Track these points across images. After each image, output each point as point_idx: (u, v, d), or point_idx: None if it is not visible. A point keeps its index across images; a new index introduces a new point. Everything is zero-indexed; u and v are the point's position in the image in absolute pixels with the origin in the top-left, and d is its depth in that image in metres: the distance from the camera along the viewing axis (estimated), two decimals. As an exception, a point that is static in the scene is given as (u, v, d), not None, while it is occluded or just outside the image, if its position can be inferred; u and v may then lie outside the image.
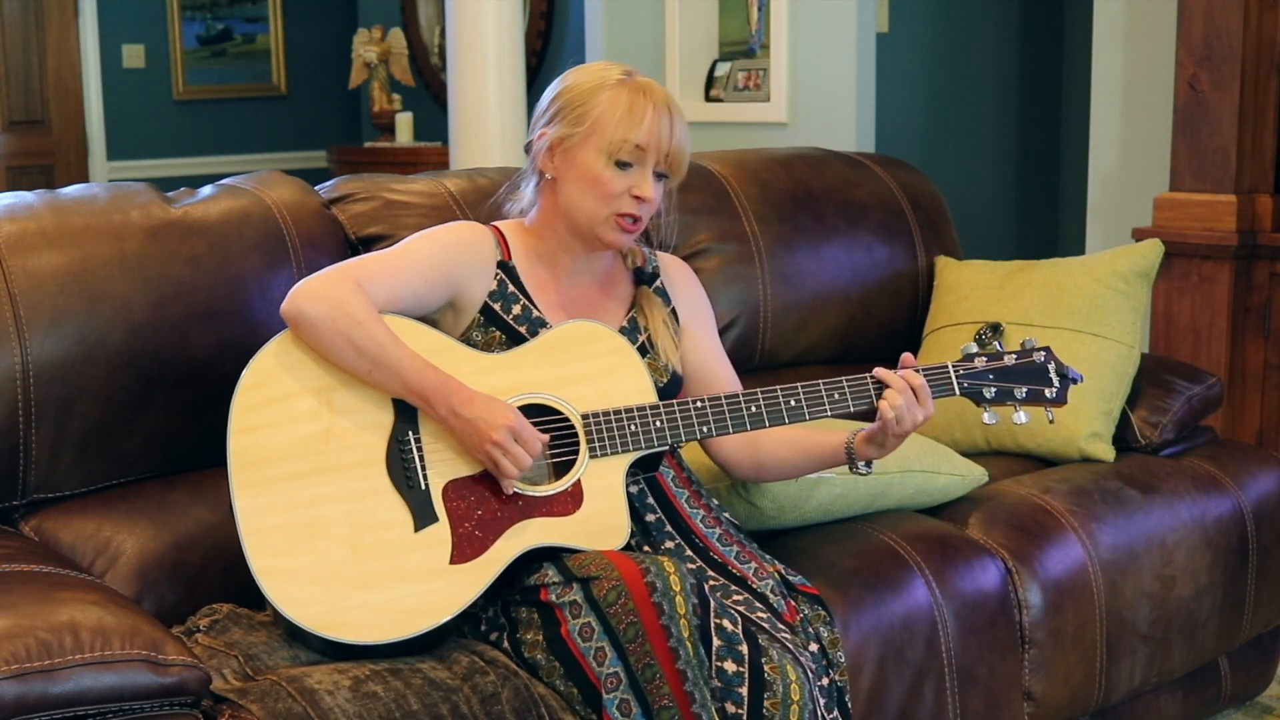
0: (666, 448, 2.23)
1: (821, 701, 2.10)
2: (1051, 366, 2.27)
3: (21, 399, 2.17)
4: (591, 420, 2.16)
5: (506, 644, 2.10)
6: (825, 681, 2.16)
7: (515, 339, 2.23)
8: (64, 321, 2.21)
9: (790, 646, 2.07)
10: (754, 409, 2.19)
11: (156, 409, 2.28)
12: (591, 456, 2.15)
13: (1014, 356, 2.26)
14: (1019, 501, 2.69)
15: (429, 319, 2.25)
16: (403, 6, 7.56)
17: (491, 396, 2.11)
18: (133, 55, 7.62)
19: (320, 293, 2.11)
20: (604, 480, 2.15)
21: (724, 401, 2.19)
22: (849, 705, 2.20)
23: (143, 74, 7.66)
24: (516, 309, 2.25)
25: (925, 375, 2.22)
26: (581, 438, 2.16)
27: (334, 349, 2.10)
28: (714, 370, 2.39)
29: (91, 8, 7.41)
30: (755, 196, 3.03)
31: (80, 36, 7.42)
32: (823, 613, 2.24)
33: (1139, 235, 3.92)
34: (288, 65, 8.04)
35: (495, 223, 2.35)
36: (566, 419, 2.17)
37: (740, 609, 2.10)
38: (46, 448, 2.21)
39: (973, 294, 3.11)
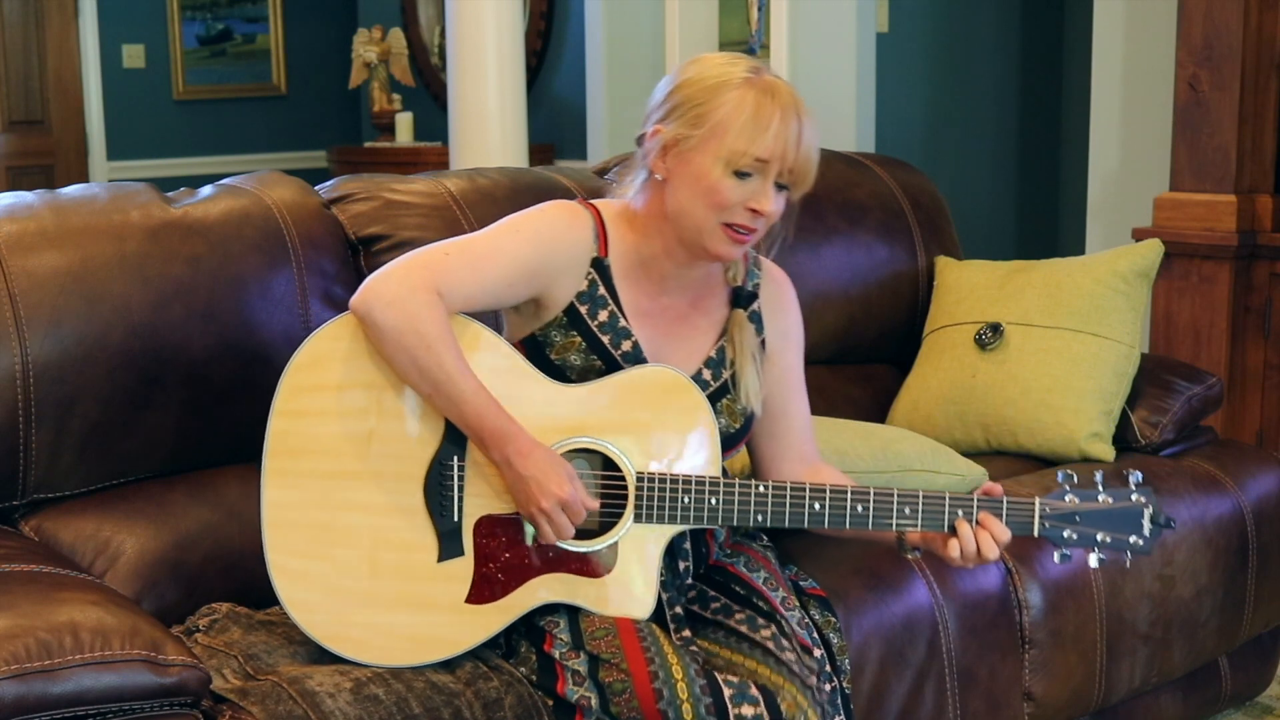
0: (716, 527, 2.14)
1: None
2: (1148, 513, 2.08)
3: (21, 399, 2.17)
4: (645, 482, 2.04)
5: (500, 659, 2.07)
6: (829, 688, 2.14)
7: (594, 347, 2.10)
8: (64, 321, 2.21)
9: (811, 688, 2.03)
10: (817, 507, 2.06)
11: (156, 409, 2.28)
12: (636, 520, 2.04)
13: (1111, 498, 2.08)
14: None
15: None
16: (403, 6, 7.56)
17: (550, 454, 2.00)
18: (133, 55, 7.62)
19: (395, 299, 1.98)
20: (642, 548, 2.05)
21: (788, 493, 2.06)
22: (852, 709, 2.19)
23: (143, 74, 7.66)
24: (603, 315, 2.12)
25: (1009, 508, 2.06)
26: (630, 499, 2.04)
27: (397, 363, 1.99)
28: (784, 404, 2.25)
29: (91, 8, 7.41)
30: (755, 196, 3.03)
31: (80, 36, 7.42)
32: (832, 619, 2.22)
33: (1139, 235, 3.92)
34: (288, 65, 8.04)
35: (599, 203, 2.18)
36: (620, 472, 2.05)
37: (769, 645, 2.04)
38: (46, 448, 2.21)
39: (973, 294, 3.11)
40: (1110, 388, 2.94)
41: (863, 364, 3.20)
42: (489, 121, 5.23)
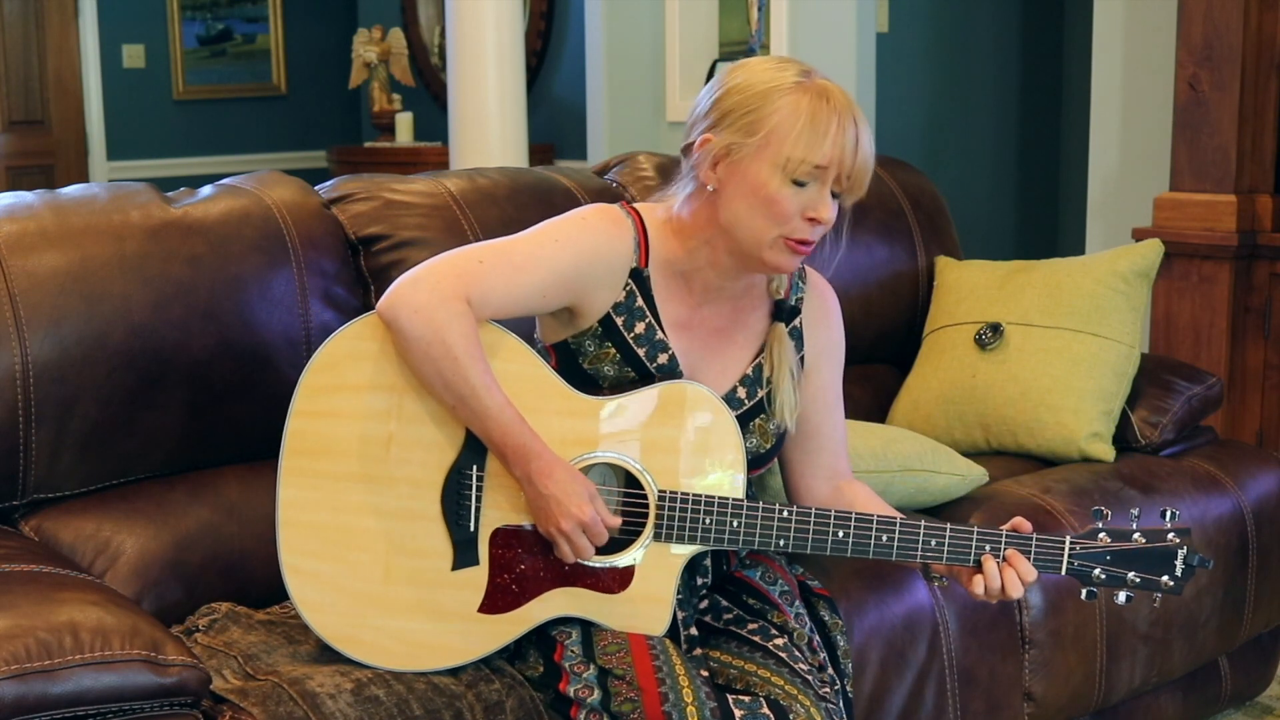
0: (736, 549, 2.11)
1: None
2: (1181, 554, 2.01)
3: (21, 399, 2.17)
4: (667, 500, 2.00)
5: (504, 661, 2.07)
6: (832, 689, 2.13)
7: (629, 359, 2.07)
8: (64, 321, 2.21)
9: (826, 699, 2.01)
10: (840, 535, 2.01)
11: (156, 409, 2.28)
12: (655, 539, 2.01)
13: (1144, 538, 2.02)
14: (1019, 502, 2.68)
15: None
16: (403, 6, 7.56)
17: (573, 474, 1.97)
18: (133, 55, 7.62)
19: (422, 307, 1.94)
20: (660, 567, 2.02)
21: (811, 519, 2.01)
22: (853, 710, 2.18)
23: (143, 74, 7.66)
24: (639, 327, 2.07)
25: (1037, 546, 2.01)
26: (651, 516, 2.01)
27: (421, 372, 1.96)
28: (818, 422, 2.20)
29: (91, 8, 7.41)
30: (755, 196, 3.03)
31: (80, 36, 7.42)
32: (839, 620, 2.20)
33: (1139, 235, 3.92)
34: (288, 65, 8.04)
35: (640, 207, 2.12)
36: (642, 489, 2.02)
37: (782, 655, 2.03)
38: (46, 448, 2.21)
39: (973, 294, 3.11)
40: (1110, 388, 2.95)
41: (863, 364, 3.20)
42: (489, 121, 5.23)
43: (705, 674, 1.99)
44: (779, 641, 2.05)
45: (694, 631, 2.08)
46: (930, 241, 3.25)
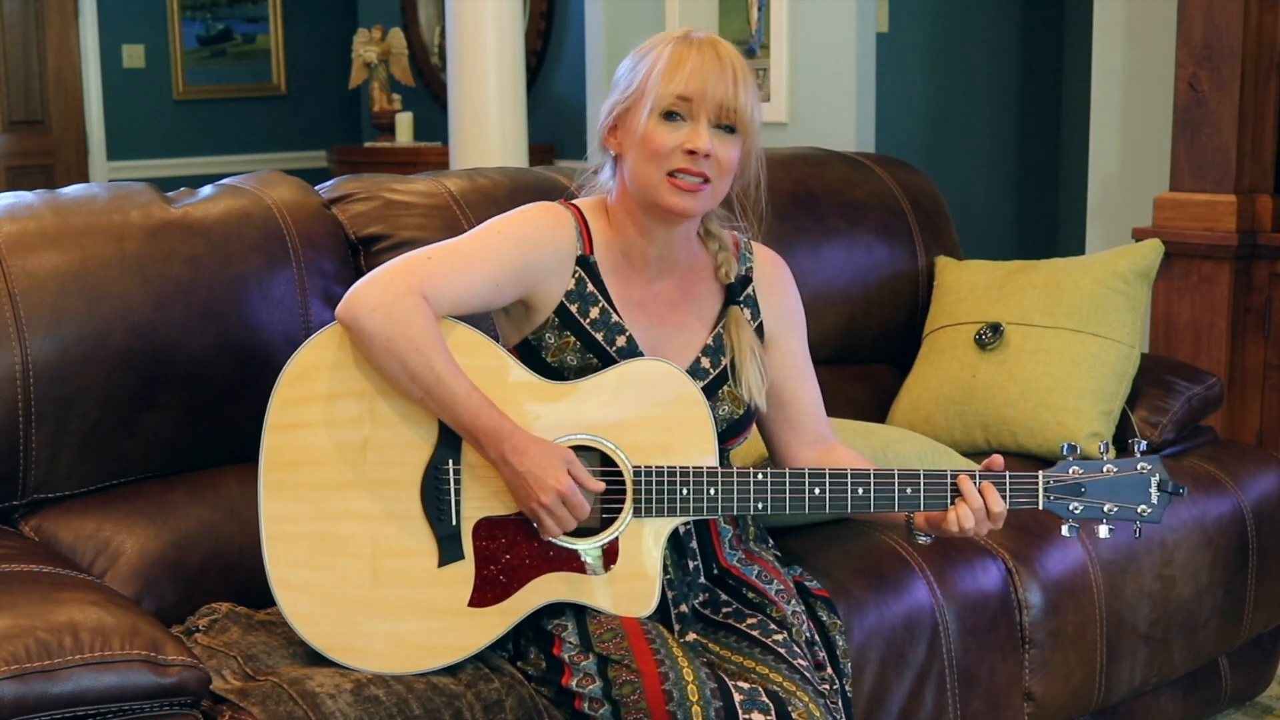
0: (716, 517, 2.13)
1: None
2: (1155, 480, 2.07)
3: (21, 399, 2.17)
4: (643, 476, 2.03)
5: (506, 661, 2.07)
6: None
7: (589, 345, 2.10)
8: (64, 321, 2.21)
9: (825, 695, 2.03)
10: (817, 492, 2.05)
11: (156, 409, 2.28)
12: (635, 515, 2.04)
13: (1115, 468, 2.07)
14: (1019, 501, 2.68)
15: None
16: (403, 6, 7.56)
17: (547, 447, 2.00)
18: (133, 55, 7.62)
19: (380, 304, 1.98)
20: (643, 542, 2.04)
21: (786, 479, 2.05)
22: (852, 710, 2.18)
23: (143, 74, 7.66)
24: (594, 312, 2.12)
25: (1011, 483, 2.06)
26: (629, 493, 2.04)
27: (387, 369, 1.99)
28: (793, 390, 2.24)
29: (91, 8, 7.41)
30: (755, 196, 3.03)
31: (80, 36, 7.42)
32: (838, 620, 2.21)
33: (1139, 235, 3.92)
34: (288, 65, 8.04)
35: (578, 202, 2.20)
36: (617, 467, 2.05)
37: (780, 650, 2.04)
38: (46, 448, 2.21)
39: (973, 294, 3.11)
40: (1110, 388, 2.95)
41: (863, 364, 3.20)
42: (489, 121, 5.23)
43: (706, 657, 2.01)
44: (778, 637, 2.06)
45: (685, 609, 2.10)
46: (930, 241, 3.25)
